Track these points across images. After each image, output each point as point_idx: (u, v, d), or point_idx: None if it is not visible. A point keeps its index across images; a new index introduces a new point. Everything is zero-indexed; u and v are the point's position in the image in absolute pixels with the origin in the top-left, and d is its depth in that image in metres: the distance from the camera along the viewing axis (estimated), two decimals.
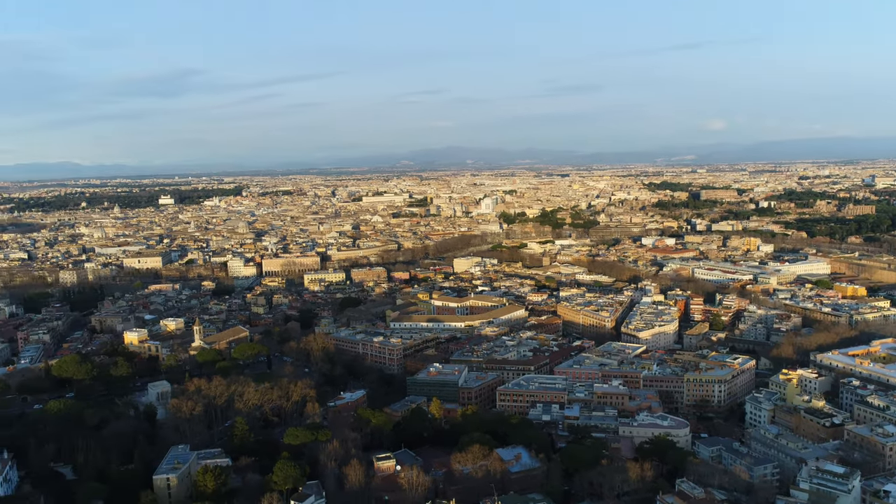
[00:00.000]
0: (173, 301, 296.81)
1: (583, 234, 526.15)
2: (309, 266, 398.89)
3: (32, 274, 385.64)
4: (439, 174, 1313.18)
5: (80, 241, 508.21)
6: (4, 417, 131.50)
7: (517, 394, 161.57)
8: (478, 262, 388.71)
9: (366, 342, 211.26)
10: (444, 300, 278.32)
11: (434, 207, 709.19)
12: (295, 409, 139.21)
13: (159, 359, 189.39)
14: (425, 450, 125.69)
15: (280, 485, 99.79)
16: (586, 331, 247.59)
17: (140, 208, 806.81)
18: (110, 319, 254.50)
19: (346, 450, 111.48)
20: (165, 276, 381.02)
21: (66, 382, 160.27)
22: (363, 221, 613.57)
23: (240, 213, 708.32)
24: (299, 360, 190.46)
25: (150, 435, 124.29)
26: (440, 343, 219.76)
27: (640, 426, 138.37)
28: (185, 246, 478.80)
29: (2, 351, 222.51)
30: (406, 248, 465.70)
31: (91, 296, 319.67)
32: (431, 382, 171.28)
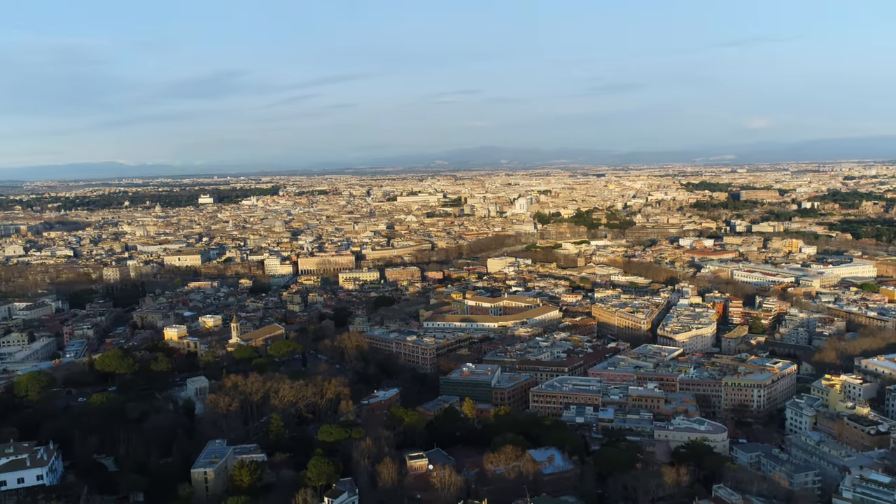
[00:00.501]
0: (212, 298, 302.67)
1: (618, 235, 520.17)
2: (344, 265, 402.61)
3: (78, 271, 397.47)
4: (473, 174, 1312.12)
5: (122, 239, 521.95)
6: (51, 410, 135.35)
7: (551, 395, 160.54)
8: (511, 262, 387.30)
9: (399, 341, 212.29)
10: (477, 300, 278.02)
11: (468, 207, 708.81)
12: (329, 406, 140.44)
13: (198, 355, 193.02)
14: (458, 449, 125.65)
15: (314, 481, 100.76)
16: (621, 333, 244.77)
17: (180, 207, 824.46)
18: (151, 316, 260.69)
19: (379, 448, 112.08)
20: (204, 273, 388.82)
21: (109, 376, 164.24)
22: (397, 221, 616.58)
23: (277, 213, 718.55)
24: (333, 358, 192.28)
25: (188, 429, 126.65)
26: (473, 343, 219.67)
27: (675, 430, 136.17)
28: (223, 244, 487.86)
29: (48, 345, 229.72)
30: (440, 248, 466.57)
31: (133, 292, 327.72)
32: (464, 382, 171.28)
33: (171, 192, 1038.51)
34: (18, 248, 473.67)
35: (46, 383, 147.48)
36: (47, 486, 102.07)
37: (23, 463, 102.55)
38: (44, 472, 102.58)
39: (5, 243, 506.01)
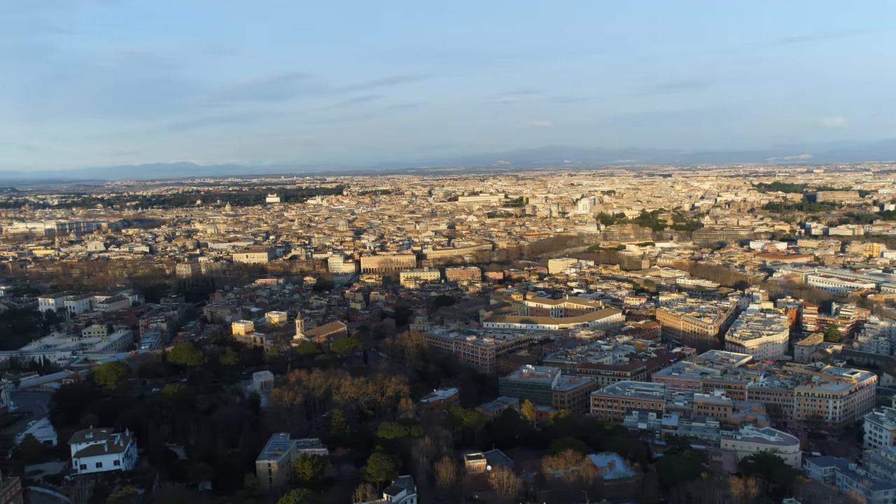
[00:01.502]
0: (277, 295, 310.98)
1: (685, 237, 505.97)
2: (405, 264, 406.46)
3: (153, 266, 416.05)
4: (536, 174, 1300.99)
5: (194, 237, 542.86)
6: (127, 398, 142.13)
7: (612, 399, 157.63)
8: (573, 263, 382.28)
9: (459, 341, 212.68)
10: (538, 301, 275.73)
11: (530, 208, 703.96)
12: (389, 403, 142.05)
13: (263, 349, 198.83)
14: (516, 451, 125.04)
15: (374, 477, 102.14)
16: (687, 337, 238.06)
17: (249, 206, 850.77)
18: (220, 311, 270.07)
19: (437, 447, 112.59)
20: (270, 270, 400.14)
21: (181, 368, 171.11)
22: (458, 221, 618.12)
23: (340, 212, 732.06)
24: (394, 357, 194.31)
25: (253, 422, 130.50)
26: (533, 344, 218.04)
27: (744, 440, 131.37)
28: (289, 242, 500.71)
29: (126, 337, 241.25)
30: (501, 248, 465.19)
31: (203, 288, 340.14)
32: (524, 384, 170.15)
33: (240, 192, 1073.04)
34: (100, 244, 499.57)
35: (124, 373, 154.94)
36: (123, 471, 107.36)
37: (101, 448, 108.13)
38: (120, 458, 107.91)
39: (88, 239, 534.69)
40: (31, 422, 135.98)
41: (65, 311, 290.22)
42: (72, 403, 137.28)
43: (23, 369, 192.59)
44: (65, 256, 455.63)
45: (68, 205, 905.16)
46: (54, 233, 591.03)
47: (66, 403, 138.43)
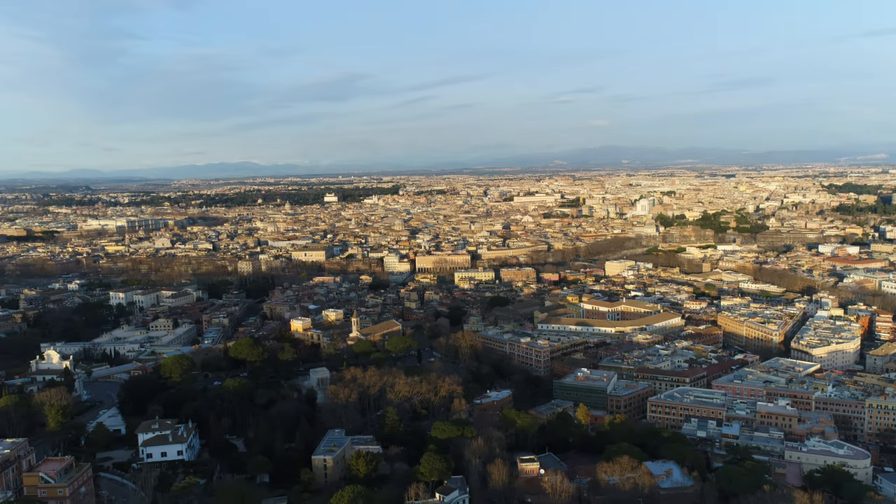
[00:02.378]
0: (334, 293, 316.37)
1: (749, 240, 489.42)
2: (460, 264, 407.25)
3: (216, 263, 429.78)
4: (593, 174, 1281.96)
5: (255, 235, 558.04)
6: (190, 391, 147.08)
7: (670, 406, 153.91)
8: (631, 265, 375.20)
9: (513, 342, 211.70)
10: (594, 304, 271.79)
11: (586, 208, 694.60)
12: (442, 403, 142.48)
13: (320, 346, 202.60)
14: (570, 456, 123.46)
15: (426, 476, 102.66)
16: (750, 344, 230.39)
17: (308, 205, 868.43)
18: (279, 307, 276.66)
19: (490, 448, 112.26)
20: (328, 269, 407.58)
21: (241, 363, 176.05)
22: (514, 221, 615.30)
23: (396, 211, 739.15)
24: (447, 356, 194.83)
25: (310, 417, 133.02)
26: (589, 348, 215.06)
27: (810, 452, 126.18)
28: (346, 241, 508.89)
29: (190, 331, 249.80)
30: (556, 249, 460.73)
31: (263, 285, 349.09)
32: (578, 387, 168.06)
33: (299, 191, 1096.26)
34: (166, 241, 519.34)
35: (187, 366, 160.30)
36: (186, 461, 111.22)
37: (166, 438, 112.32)
38: (183, 448, 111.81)
39: (156, 236, 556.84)
40: (102, 411, 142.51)
41: (134, 305, 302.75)
42: (139, 394, 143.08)
43: (95, 360, 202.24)
44: (134, 252, 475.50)
45: (138, 203, 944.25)
46: (125, 229, 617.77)
47: (134, 394, 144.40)
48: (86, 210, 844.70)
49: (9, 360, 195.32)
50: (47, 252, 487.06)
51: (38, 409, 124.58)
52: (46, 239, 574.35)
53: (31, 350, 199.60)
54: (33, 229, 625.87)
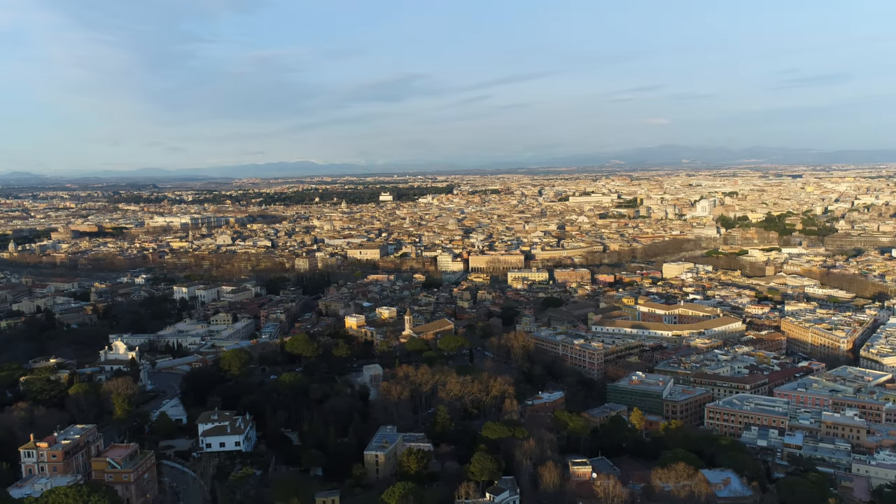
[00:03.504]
0: (388, 291, 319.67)
1: (816, 243, 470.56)
2: (513, 264, 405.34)
3: (274, 260, 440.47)
4: (651, 174, 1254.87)
5: (312, 233, 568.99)
6: (248, 384, 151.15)
7: (729, 413, 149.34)
8: (690, 267, 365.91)
9: (566, 344, 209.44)
10: (650, 306, 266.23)
11: (644, 209, 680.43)
12: (493, 403, 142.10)
13: (374, 344, 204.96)
14: (623, 460, 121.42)
15: (477, 476, 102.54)
16: (815, 351, 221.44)
17: (363, 204, 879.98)
18: (334, 304, 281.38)
19: (541, 450, 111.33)
20: (382, 267, 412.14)
21: (297, 358, 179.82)
22: (569, 221, 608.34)
23: (450, 211, 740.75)
24: (499, 356, 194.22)
25: (362, 413, 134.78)
26: (644, 351, 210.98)
27: (879, 466, 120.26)
28: (400, 240, 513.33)
29: (248, 326, 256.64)
30: (612, 250, 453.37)
31: (319, 282, 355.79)
32: (633, 391, 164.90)
33: (355, 190, 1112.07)
34: (227, 238, 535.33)
35: (246, 360, 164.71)
36: (243, 452, 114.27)
37: (224, 429, 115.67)
38: (241, 440, 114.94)
39: (217, 233, 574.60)
40: (165, 401, 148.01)
41: (196, 300, 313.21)
42: (200, 386, 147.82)
43: (159, 352, 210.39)
44: (197, 249, 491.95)
45: (201, 201, 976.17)
46: (188, 226, 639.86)
47: (195, 385, 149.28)
48: (153, 207, 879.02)
49: (80, 349, 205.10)
50: (116, 247, 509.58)
51: (106, 397, 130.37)
52: (116, 235, 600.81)
53: (100, 341, 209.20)
54: (104, 225, 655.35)
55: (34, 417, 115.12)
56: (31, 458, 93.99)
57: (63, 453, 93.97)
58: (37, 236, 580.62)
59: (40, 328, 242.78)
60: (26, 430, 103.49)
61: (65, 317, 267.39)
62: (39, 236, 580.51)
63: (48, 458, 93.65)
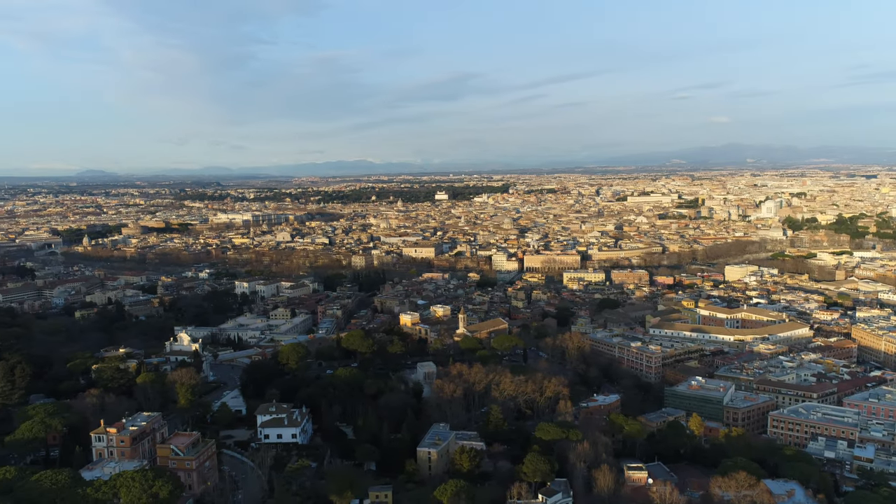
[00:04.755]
0: (442, 289, 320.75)
1: (891, 246, 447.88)
2: (569, 264, 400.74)
3: (331, 257, 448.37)
4: (714, 174, 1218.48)
5: (369, 231, 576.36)
6: (305, 378, 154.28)
7: (794, 422, 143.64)
8: (754, 270, 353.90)
9: (623, 346, 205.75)
10: (711, 310, 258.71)
11: (706, 209, 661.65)
12: (547, 404, 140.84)
13: (427, 341, 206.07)
14: (681, 467, 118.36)
15: (529, 476, 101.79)
16: (889, 360, 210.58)
17: (419, 203, 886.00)
18: (389, 301, 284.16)
19: (596, 453, 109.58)
20: (437, 265, 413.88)
21: (352, 354, 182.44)
22: (627, 222, 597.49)
23: (506, 210, 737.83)
24: (554, 357, 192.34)
25: (416, 410, 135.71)
26: (704, 356, 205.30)
27: None
28: (455, 239, 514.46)
29: (306, 321, 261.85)
30: (672, 252, 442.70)
31: (375, 279, 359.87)
32: (692, 396, 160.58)
33: (411, 189, 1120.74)
34: (286, 235, 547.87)
35: (303, 354, 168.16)
36: (299, 444, 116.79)
37: (282, 421, 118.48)
38: (297, 432, 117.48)
39: (277, 230, 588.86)
40: (226, 392, 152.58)
41: (256, 295, 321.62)
42: (259, 378, 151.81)
43: (220, 344, 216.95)
44: (257, 245, 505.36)
45: (262, 199, 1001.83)
46: (250, 223, 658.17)
47: (254, 378, 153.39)
48: (216, 205, 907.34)
49: (148, 340, 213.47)
50: (182, 243, 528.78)
51: (170, 386, 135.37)
52: (182, 231, 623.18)
53: (166, 332, 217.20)
54: (171, 222, 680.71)
55: (105, 404, 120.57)
56: (102, 442, 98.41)
57: (131, 439, 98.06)
58: (109, 231, 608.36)
59: (111, 319, 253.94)
60: (97, 415, 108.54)
61: (133, 309, 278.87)
62: (111, 231, 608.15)
63: (117, 443, 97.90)
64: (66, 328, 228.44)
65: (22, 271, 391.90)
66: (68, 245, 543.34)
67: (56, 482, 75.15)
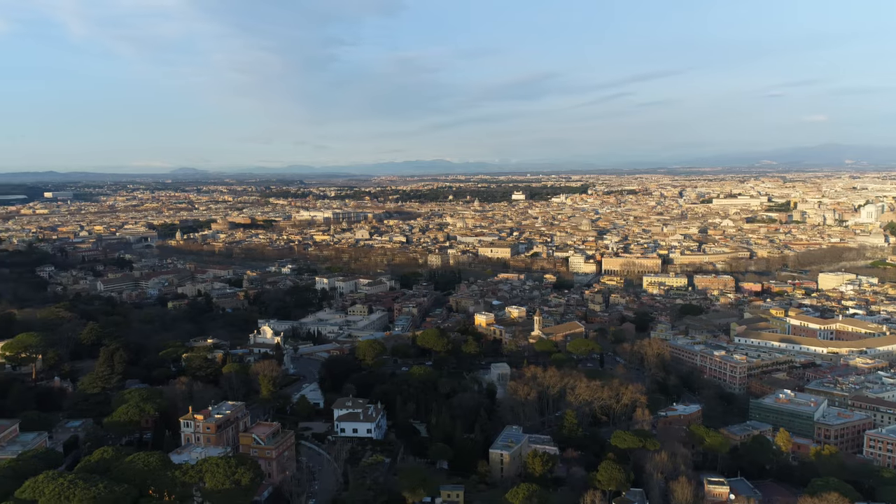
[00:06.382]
0: (517, 290, 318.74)
1: None
2: (649, 268, 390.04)
3: (408, 255, 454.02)
4: (808, 175, 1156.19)
5: (445, 230, 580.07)
6: (380, 374, 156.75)
7: (894, 443, 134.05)
8: (851, 279, 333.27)
9: (705, 354, 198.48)
10: (802, 319, 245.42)
11: (798, 213, 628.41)
12: (624, 412, 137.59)
13: (502, 342, 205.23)
14: (765, 484, 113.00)
15: (604, 485, 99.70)
16: None
17: (496, 202, 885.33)
18: (464, 301, 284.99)
19: (674, 464, 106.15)
20: (512, 266, 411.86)
21: (427, 352, 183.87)
22: (712, 225, 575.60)
23: (584, 211, 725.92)
24: (632, 364, 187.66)
25: (489, 410, 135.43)
26: (794, 367, 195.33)
27: None
28: (531, 239, 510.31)
29: (382, 318, 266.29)
30: (760, 257, 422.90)
31: (450, 278, 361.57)
32: (780, 410, 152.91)
33: (488, 188, 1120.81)
34: (365, 233, 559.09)
35: (379, 351, 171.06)
36: (373, 440, 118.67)
37: (357, 416, 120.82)
38: (372, 427, 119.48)
39: (356, 228, 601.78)
40: (305, 384, 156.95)
41: (335, 291, 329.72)
42: (336, 373, 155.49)
43: (301, 338, 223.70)
44: (337, 242, 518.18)
45: (342, 197, 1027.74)
46: (330, 221, 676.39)
47: (332, 372, 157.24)
48: (299, 202, 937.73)
49: (233, 332, 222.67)
50: (266, 238, 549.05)
51: (253, 377, 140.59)
52: (266, 227, 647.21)
53: (250, 325, 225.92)
54: (256, 218, 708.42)
55: (193, 391, 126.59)
56: (189, 428, 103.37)
57: (216, 426, 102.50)
58: (199, 226, 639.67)
59: (200, 310, 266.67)
60: (186, 402, 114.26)
61: (220, 301, 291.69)
62: (201, 226, 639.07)
63: (203, 429, 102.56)
64: (159, 318, 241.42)
65: (121, 263, 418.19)
66: (163, 239, 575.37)
67: (148, 464, 79.45)
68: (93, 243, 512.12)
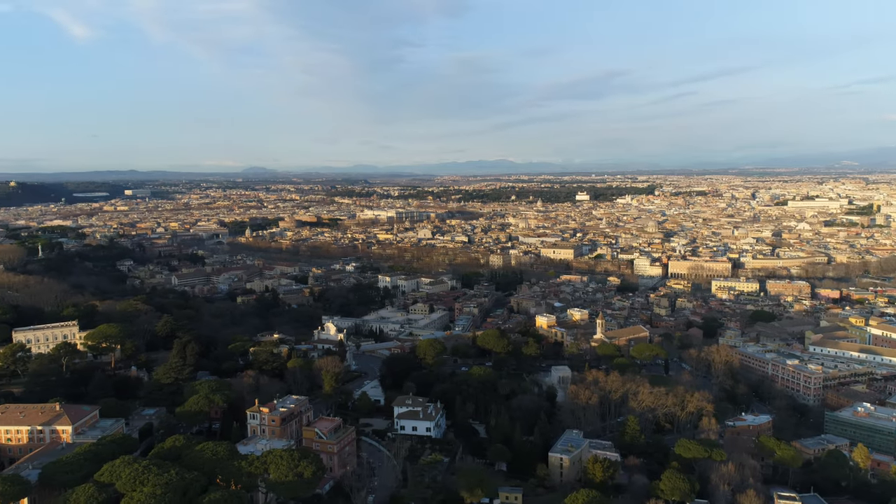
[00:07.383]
0: (580, 292, 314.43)
1: None
2: (718, 272, 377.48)
3: (469, 255, 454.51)
4: (893, 177, 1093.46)
5: (507, 230, 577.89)
6: (440, 374, 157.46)
7: None
8: None
9: (777, 363, 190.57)
10: (884, 329, 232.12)
11: (882, 217, 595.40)
12: (689, 420, 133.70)
13: (563, 345, 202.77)
14: (841, 502, 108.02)
15: (667, 494, 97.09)
16: None
17: (559, 203, 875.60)
18: (525, 302, 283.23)
19: (742, 476, 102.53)
20: (575, 267, 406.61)
21: (487, 353, 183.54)
22: (786, 228, 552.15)
23: (650, 212, 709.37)
24: (698, 370, 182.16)
25: (549, 413, 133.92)
26: (874, 379, 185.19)
27: None
28: (595, 241, 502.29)
29: (443, 317, 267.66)
30: (838, 263, 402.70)
31: (512, 279, 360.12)
32: (858, 424, 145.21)
33: (551, 189, 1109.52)
34: (427, 232, 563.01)
35: (440, 350, 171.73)
36: (433, 438, 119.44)
37: (417, 414, 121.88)
38: (431, 426, 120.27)
39: (419, 227, 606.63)
40: (366, 381, 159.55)
41: (397, 289, 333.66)
42: (397, 371, 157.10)
43: (363, 335, 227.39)
44: (400, 241, 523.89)
45: (405, 196, 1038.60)
46: (393, 220, 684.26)
47: (393, 370, 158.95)
48: (363, 201, 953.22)
49: (298, 328, 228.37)
50: (331, 237, 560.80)
51: (317, 372, 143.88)
52: (331, 225, 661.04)
53: (314, 321, 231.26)
54: (322, 216, 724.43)
55: (259, 384, 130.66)
56: (255, 420, 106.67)
57: (280, 419, 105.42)
58: (267, 224, 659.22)
59: (267, 306, 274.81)
60: (252, 394, 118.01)
61: (286, 297, 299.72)
62: (270, 224, 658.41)
63: (268, 422, 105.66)
64: (228, 312, 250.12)
65: (194, 258, 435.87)
66: (233, 236, 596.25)
67: (216, 454, 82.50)
68: (168, 239, 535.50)
